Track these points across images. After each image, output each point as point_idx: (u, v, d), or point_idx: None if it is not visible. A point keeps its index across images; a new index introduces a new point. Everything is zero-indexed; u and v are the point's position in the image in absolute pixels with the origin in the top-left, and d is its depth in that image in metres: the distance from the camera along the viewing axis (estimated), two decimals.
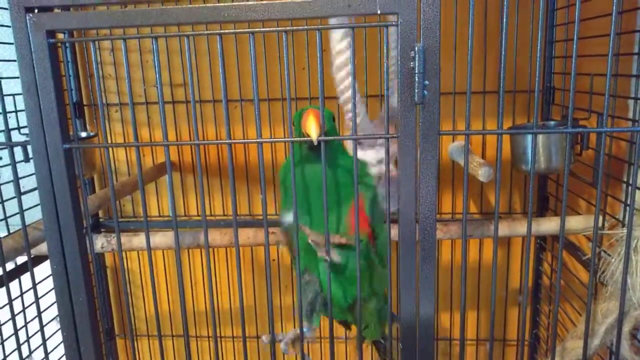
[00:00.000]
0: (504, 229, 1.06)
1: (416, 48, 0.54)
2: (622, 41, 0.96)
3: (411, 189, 0.60)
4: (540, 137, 1.07)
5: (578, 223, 1.05)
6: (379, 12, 0.54)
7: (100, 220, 1.50)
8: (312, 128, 0.63)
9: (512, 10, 1.23)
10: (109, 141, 1.43)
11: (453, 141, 1.34)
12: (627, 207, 0.82)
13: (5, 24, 0.99)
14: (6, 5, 0.57)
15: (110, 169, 0.64)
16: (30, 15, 0.57)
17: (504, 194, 1.38)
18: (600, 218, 0.97)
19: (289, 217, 0.77)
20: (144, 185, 1.25)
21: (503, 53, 0.59)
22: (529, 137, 1.03)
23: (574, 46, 0.60)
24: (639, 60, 0.93)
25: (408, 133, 0.57)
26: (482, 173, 0.98)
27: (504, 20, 0.57)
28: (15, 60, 0.58)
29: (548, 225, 1.08)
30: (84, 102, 1.42)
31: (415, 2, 0.53)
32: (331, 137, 0.66)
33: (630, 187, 0.71)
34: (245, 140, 0.70)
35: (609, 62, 0.58)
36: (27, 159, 1.12)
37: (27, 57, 0.57)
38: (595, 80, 0.97)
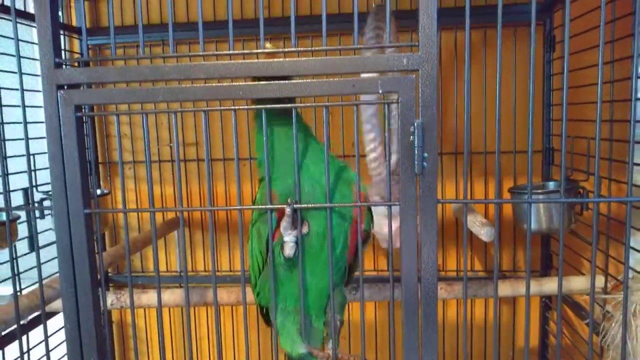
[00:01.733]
0: (507, 289, 1.07)
1: (415, 123, 0.58)
2: (616, 106, 1.01)
3: (413, 253, 0.62)
4: (541, 198, 1.10)
5: (581, 283, 1.06)
6: (380, 91, 0.58)
7: (109, 275, 1.52)
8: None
9: (510, 71, 1.29)
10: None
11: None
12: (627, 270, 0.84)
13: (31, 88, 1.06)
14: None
15: (127, 234, 0.67)
16: (61, 91, 0.62)
17: (507, 252, 1.39)
18: (602, 279, 0.98)
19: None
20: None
21: (497, 119, 0.63)
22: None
23: (564, 113, 0.65)
24: (632, 127, 0.97)
25: (409, 201, 0.60)
26: (484, 233, 1.00)
27: (498, 84, 0.62)
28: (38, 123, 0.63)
29: (551, 285, 1.09)
30: (99, 160, 1.48)
31: (414, 83, 0.58)
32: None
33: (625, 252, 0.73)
34: (255, 207, 0.72)
35: (597, 139, 0.62)
36: (42, 216, 1.16)
37: (55, 129, 0.62)
38: (593, 143, 1.01)
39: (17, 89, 0.67)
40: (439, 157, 1.32)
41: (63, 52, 0.85)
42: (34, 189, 1.10)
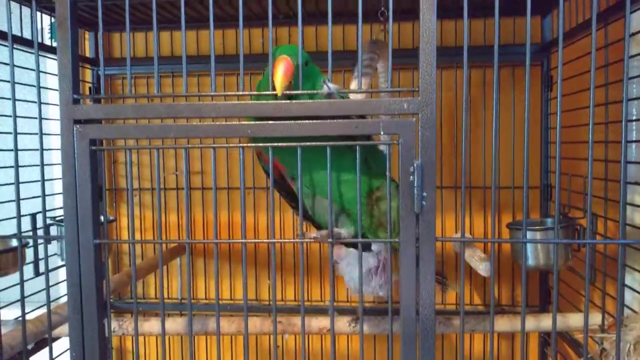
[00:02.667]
0: (505, 324, 1.08)
1: (415, 164, 0.61)
2: (611, 146, 1.03)
3: (412, 288, 0.64)
4: (538, 235, 1.12)
5: (579, 320, 1.07)
6: (382, 133, 0.61)
7: (111, 301, 1.53)
8: (278, 78, 0.61)
9: (509, 108, 1.33)
10: (129, 226, 1.50)
11: (456, 233, 1.40)
12: (621, 308, 0.85)
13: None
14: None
15: (133, 264, 0.69)
16: (78, 126, 0.65)
17: (506, 287, 1.40)
18: (600, 316, 0.99)
19: None
20: (155, 270, 1.30)
21: (494, 157, 0.66)
22: (527, 235, 1.08)
23: (557, 153, 0.67)
24: (623, 168, 1.00)
25: (409, 239, 0.62)
26: (483, 268, 1.02)
27: (495, 122, 0.65)
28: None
29: (549, 321, 1.09)
30: (106, 186, 1.51)
31: (414, 125, 0.61)
32: (295, 92, 0.64)
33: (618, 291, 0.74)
34: (258, 240, 0.75)
35: (589, 180, 0.64)
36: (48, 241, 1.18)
37: (70, 162, 0.65)
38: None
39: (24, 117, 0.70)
40: (439, 191, 1.35)
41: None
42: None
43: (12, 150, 0.80)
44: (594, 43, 0.66)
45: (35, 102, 0.73)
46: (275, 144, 0.65)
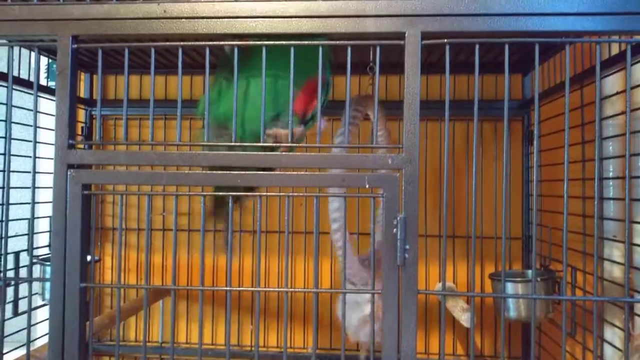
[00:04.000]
0: None
1: (398, 218, 0.63)
2: (588, 202, 1.07)
3: (394, 339, 0.65)
4: (520, 286, 1.14)
5: None
6: (367, 186, 0.64)
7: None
8: None
9: (492, 161, 1.37)
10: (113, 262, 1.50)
11: (440, 282, 1.41)
12: None
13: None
14: None
15: (118, 307, 0.70)
16: (71, 171, 0.67)
17: (489, 337, 1.41)
18: None
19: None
20: (137, 312, 1.29)
21: (474, 210, 0.68)
22: (509, 286, 1.09)
23: (534, 207, 0.70)
24: (596, 224, 1.03)
25: (391, 290, 0.64)
26: (465, 319, 1.03)
27: (474, 176, 0.67)
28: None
29: None
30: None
31: (397, 180, 0.64)
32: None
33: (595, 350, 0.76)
34: (242, 289, 0.76)
35: (564, 238, 0.67)
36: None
37: (61, 206, 0.66)
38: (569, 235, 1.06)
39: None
40: (424, 240, 1.37)
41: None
42: (27, 252, 1.12)
43: (2, 187, 0.81)
44: (567, 106, 0.71)
45: (25, 140, 0.75)
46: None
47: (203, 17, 0.66)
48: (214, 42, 0.67)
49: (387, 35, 0.65)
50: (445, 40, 0.65)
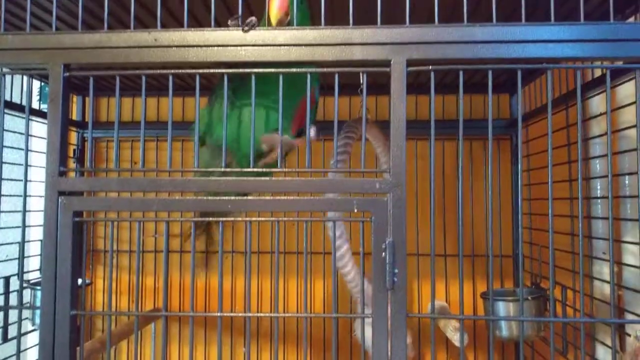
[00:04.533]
0: None
1: (387, 242, 0.64)
2: (576, 220, 1.08)
3: None
4: (511, 305, 1.15)
5: None
6: (355, 210, 0.65)
7: None
8: (273, 10, 0.66)
9: (481, 179, 1.39)
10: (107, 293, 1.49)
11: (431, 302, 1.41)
12: None
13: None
14: None
15: (109, 334, 0.69)
16: (62, 198, 0.67)
17: (482, 355, 1.41)
18: None
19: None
20: (128, 336, 1.28)
21: (459, 231, 0.69)
22: (500, 305, 1.10)
23: (520, 226, 0.71)
24: (581, 243, 1.05)
25: (381, 314, 0.64)
26: (457, 338, 1.03)
27: (460, 194, 0.68)
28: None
29: None
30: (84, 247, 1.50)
31: (386, 204, 0.65)
32: None
33: None
34: (235, 314, 0.76)
35: (551, 259, 0.68)
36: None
37: (52, 233, 0.66)
38: (558, 254, 1.07)
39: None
40: (416, 259, 1.38)
41: None
42: (17, 276, 1.11)
43: None
44: (550, 128, 0.72)
45: (16, 164, 0.75)
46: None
47: (193, 46, 0.67)
48: (204, 70, 0.68)
49: (373, 62, 0.66)
50: (430, 67, 0.66)
